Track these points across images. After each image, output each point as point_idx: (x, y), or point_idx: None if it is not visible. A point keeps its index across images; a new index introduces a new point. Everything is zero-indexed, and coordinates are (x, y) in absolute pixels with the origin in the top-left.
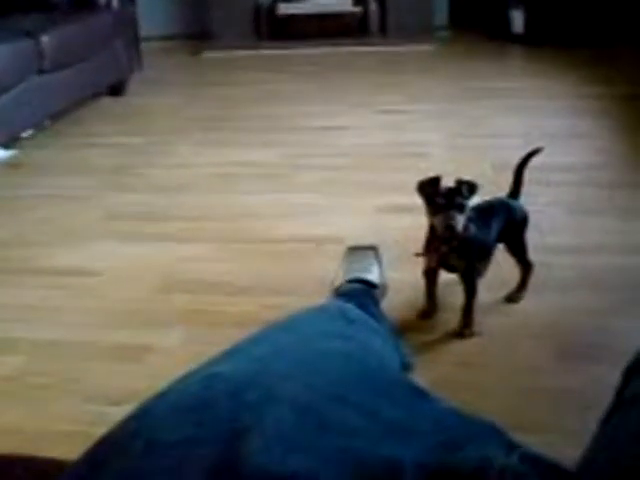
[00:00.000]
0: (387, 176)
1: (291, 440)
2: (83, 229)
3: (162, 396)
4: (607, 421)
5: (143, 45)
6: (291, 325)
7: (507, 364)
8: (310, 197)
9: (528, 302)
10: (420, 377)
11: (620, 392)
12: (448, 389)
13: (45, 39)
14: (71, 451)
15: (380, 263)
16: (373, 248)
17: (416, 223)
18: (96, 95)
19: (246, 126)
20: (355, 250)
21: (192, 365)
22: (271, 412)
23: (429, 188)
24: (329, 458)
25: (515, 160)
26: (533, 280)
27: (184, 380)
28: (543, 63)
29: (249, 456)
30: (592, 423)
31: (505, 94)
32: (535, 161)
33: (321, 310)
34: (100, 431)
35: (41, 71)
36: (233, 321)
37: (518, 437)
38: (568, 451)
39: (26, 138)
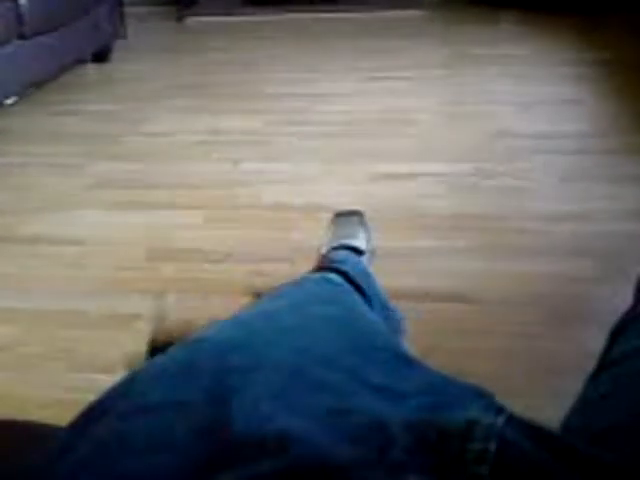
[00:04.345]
0: (376, 143)
1: (279, 400)
2: (68, 197)
3: (149, 363)
4: (590, 383)
5: (127, 11)
6: (277, 294)
7: (495, 329)
8: (299, 165)
9: (517, 268)
10: (409, 343)
11: (604, 355)
12: (437, 353)
13: (23, 2)
14: (61, 417)
15: (366, 229)
16: (358, 213)
17: (406, 190)
18: (80, 62)
19: (231, 93)
20: (341, 217)
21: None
22: (258, 375)
23: None
24: (317, 417)
25: (509, 128)
26: (524, 246)
27: (171, 348)
28: (537, 29)
29: (237, 415)
30: (578, 387)
31: (497, 60)
32: (527, 128)
33: (306, 278)
34: (89, 397)
35: (22, 36)
36: (220, 288)
37: (505, 401)
38: (556, 414)
39: (9, 105)
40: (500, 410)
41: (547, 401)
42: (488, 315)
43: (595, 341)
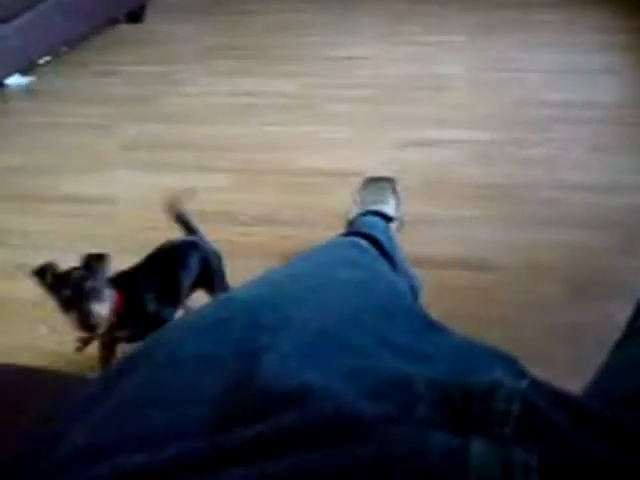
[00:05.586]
0: (407, 109)
1: (306, 357)
2: (101, 157)
3: (182, 318)
4: (616, 351)
5: None
6: (305, 256)
7: (520, 299)
8: (330, 129)
9: (543, 238)
10: (432, 309)
11: (630, 324)
12: (460, 322)
13: None
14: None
15: (397, 196)
16: (390, 180)
17: (436, 157)
18: (114, 22)
19: (266, 55)
20: (372, 182)
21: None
22: (286, 333)
23: (49, 278)
24: (342, 374)
25: (538, 96)
26: (549, 217)
27: (203, 305)
28: None
29: (265, 370)
30: (601, 356)
31: (529, 27)
32: (558, 97)
33: (335, 242)
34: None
35: None
36: (250, 251)
37: (527, 368)
38: (577, 382)
39: (43, 64)
40: (523, 374)
41: (568, 369)
42: (509, 283)
43: (618, 312)
